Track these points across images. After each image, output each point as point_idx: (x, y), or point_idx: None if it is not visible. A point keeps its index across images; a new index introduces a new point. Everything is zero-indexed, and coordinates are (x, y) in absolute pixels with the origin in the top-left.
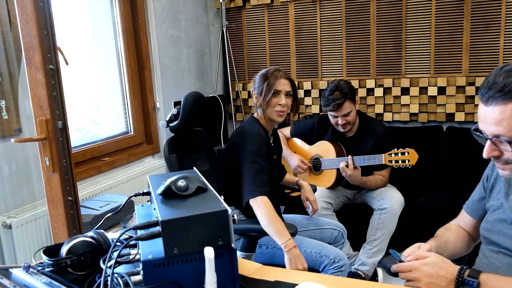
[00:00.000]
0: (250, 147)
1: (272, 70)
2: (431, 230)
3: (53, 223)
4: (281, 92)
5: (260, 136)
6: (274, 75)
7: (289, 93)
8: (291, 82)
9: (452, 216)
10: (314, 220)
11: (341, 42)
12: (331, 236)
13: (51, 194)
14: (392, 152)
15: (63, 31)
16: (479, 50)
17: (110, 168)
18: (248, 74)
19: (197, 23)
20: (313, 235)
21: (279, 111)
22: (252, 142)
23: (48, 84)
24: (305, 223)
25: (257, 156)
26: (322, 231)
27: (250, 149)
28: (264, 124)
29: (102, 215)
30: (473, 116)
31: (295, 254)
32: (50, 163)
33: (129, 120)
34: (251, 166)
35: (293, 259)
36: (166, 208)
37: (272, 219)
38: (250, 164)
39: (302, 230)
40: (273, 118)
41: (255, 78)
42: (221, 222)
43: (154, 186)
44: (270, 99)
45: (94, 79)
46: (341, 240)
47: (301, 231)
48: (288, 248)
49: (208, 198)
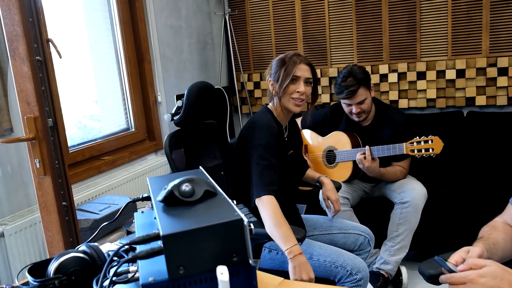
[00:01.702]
0: (258, 141)
1: (291, 54)
2: (458, 223)
3: (46, 231)
4: (300, 78)
5: (270, 129)
6: (293, 60)
7: (308, 81)
8: (312, 68)
9: (480, 208)
10: (338, 223)
11: (351, 26)
12: (355, 242)
13: (43, 199)
14: (414, 141)
15: (55, 21)
16: (500, 28)
17: (110, 167)
18: (253, 64)
19: (198, 11)
20: (336, 239)
21: (296, 99)
22: (260, 136)
23: (36, 78)
24: (326, 226)
25: (265, 150)
26: (346, 236)
27: (258, 143)
28: (278, 115)
29: (102, 219)
30: (495, 100)
31: (301, 262)
32: (41, 165)
33: (129, 116)
34: (258, 162)
35: (297, 268)
36: (168, 219)
37: (278, 221)
38: (257, 159)
39: (323, 234)
40: (289, 107)
41: (272, 64)
42: (236, 234)
43: (154, 190)
44: (287, 86)
45: (90, 73)
46: (367, 247)
47: (322, 235)
48: (293, 255)
49: (218, 204)
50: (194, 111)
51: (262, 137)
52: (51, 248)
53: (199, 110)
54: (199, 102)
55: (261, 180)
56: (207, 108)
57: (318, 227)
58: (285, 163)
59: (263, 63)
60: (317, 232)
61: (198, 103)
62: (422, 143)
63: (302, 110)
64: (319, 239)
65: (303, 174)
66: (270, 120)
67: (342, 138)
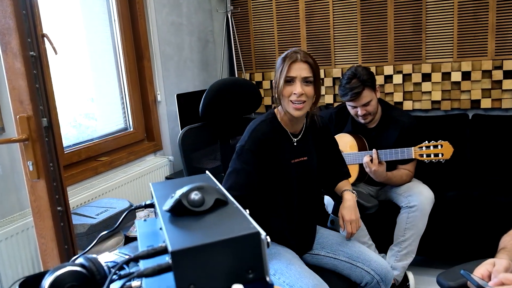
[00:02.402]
0: (239, 143)
1: (290, 52)
2: (465, 228)
3: (40, 238)
4: (295, 78)
5: (253, 133)
6: (289, 56)
7: (308, 80)
8: (311, 65)
9: (489, 212)
10: (349, 248)
11: (355, 26)
12: (361, 279)
13: (37, 204)
14: (423, 145)
15: (51, 16)
16: (506, 30)
17: (108, 168)
18: (255, 64)
19: (199, 8)
20: (340, 268)
21: (295, 102)
22: (242, 138)
23: (29, 74)
24: (336, 248)
25: (238, 154)
26: (353, 268)
27: (238, 144)
28: (282, 119)
29: (99, 224)
30: (500, 103)
31: None
32: (34, 168)
33: (127, 115)
34: (230, 164)
35: None
36: (177, 231)
37: None
38: (232, 161)
39: (329, 257)
40: (289, 111)
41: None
42: (252, 249)
43: (159, 197)
44: (283, 88)
45: (88, 71)
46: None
47: (328, 257)
48: None
49: (230, 214)
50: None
51: (242, 140)
52: (45, 256)
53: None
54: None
55: (223, 183)
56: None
57: (326, 247)
58: (283, 170)
59: (265, 63)
60: (323, 253)
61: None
62: (432, 148)
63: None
64: (323, 261)
65: (334, 184)
66: (261, 124)
67: (348, 140)
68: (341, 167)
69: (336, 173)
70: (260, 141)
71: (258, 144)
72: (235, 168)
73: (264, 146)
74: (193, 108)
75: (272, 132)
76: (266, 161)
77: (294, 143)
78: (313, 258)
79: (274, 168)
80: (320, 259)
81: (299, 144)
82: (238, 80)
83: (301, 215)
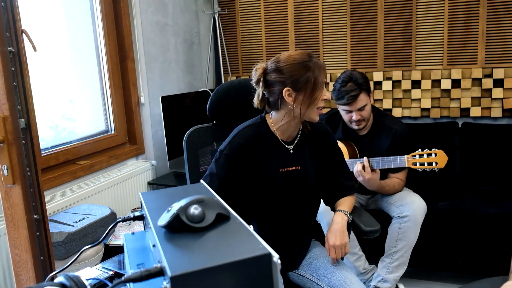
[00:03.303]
0: (219, 148)
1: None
2: (457, 239)
3: (13, 249)
4: (323, 84)
5: (235, 138)
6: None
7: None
8: None
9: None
10: (334, 278)
11: (345, 31)
12: None
13: (11, 211)
14: (416, 153)
15: (31, 11)
16: (496, 39)
17: (87, 173)
18: (242, 67)
19: (185, 9)
20: None
21: (319, 108)
22: (225, 142)
23: (7, 72)
24: (320, 274)
25: (215, 159)
26: None
27: (218, 149)
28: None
29: (78, 232)
30: (490, 111)
31: None
32: (10, 173)
33: (109, 117)
34: (209, 167)
35: None
36: (175, 252)
37: None
38: (209, 166)
39: (311, 280)
40: (312, 117)
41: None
42: (262, 274)
43: (150, 209)
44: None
45: (68, 69)
46: None
47: (310, 281)
48: None
49: (234, 231)
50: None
51: (223, 144)
52: (18, 268)
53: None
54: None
55: None
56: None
57: (312, 269)
58: (269, 180)
59: (252, 66)
60: (307, 275)
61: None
62: (425, 156)
63: None
64: (306, 284)
65: (334, 199)
66: (247, 129)
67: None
68: (344, 180)
69: (337, 187)
70: (241, 147)
71: (238, 150)
72: (210, 173)
73: (245, 153)
74: (178, 111)
75: (258, 138)
76: (247, 168)
77: (290, 151)
78: (298, 278)
79: (258, 176)
80: (304, 281)
81: (295, 151)
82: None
83: (290, 228)
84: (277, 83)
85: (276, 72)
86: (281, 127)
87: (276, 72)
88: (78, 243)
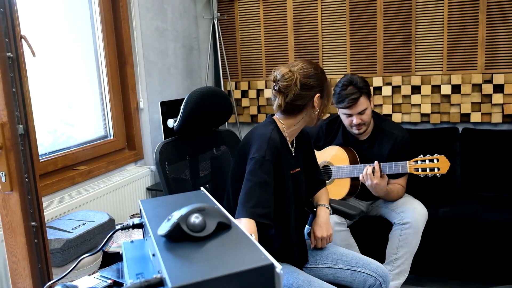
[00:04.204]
0: (254, 154)
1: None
2: (459, 246)
3: (11, 256)
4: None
5: (270, 142)
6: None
7: None
8: None
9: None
10: (347, 256)
11: (344, 37)
12: (364, 283)
13: (9, 219)
14: (418, 159)
15: (30, 17)
16: (496, 44)
17: (86, 178)
18: (241, 72)
19: (184, 14)
20: (341, 276)
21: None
22: (257, 148)
23: (5, 77)
24: (333, 258)
25: (259, 165)
26: (354, 274)
27: (253, 156)
28: (288, 128)
29: (76, 239)
30: (490, 117)
31: None
32: (7, 179)
33: (108, 122)
34: (249, 178)
35: None
36: (176, 262)
37: None
38: (248, 175)
39: (327, 267)
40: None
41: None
42: (266, 284)
43: (150, 217)
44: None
45: (67, 75)
46: None
47: (327, 268)
48: None
49: (236, 241)
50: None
51: (259, 150)
52: (15, 276)
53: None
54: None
55: (247, 199)
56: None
57: (322, 258)
58: (285, 183)
59: (251, 71)
60: (320, 264)
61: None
62: (427, 162)
63: None
64: (322, 272)
65: (313, 194)
66: (272, 133)
67: (339, 153)
68: (318, 174)
69: (314, 181)
70: (277, 151)
71: (276, 154)
72: (259, 182)
73: (279, 156)
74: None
75: (280, 142)
76: (277, 172)
77: (293, 153)
78: (311, 271)
79: (279, 179)
80: (318, 271)
81: (295, 154)
82: (213, 90)
83: (297, 227)
84: (312, 88)
85: (312, 78)
86: (292, 131)
87: (312, 78)
88: (76, 250)
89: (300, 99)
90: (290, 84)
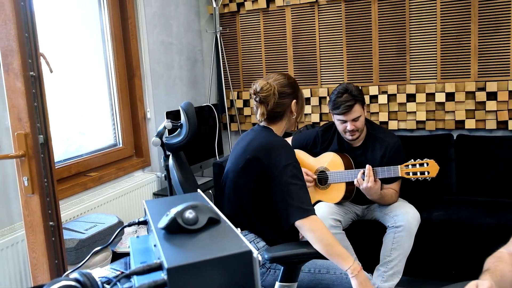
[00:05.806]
0: (287, 161)
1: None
2: (452, 249)
3: (31, 252)
4: None
5: (292, 149)
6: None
7: None
8: None
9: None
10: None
11: (341, 47)
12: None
13: (30, 219)
14: (409, 163)
15: (46, 35)
16: (488, 53)
17: (97, 184)
18: (243, 82)
19: (189, 28)
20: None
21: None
22: (287, 156)
23: (29, 94)
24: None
25: (297, 170)
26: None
27: (287, 163)
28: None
29: (88, 239)
30: (484, 123)
31: (364, 278)
32: (29, 183)
33: (117, 131)
34: (293, 182)
35: (363, 284)
36: (172, 249)
37: (333, 240)
38: (292, 179)
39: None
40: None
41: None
42: (245, 267)
43: (152, 214)
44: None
45: (79, 87)
46: None
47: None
48: (357, 271)
49: (223, 233)
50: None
51: (290, 157)
52: (35, 271)
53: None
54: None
55: (302, 200)
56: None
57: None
58: None
59: (252, 81)
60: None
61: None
62: (418, 166)
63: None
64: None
65: None
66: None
67: (334, 159)
68: None
69: None
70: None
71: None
72: (303, 184)
73: None
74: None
75: None
76: None
77: None
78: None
79: None
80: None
81: None
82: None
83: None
84: (288, 95)
85: (287, 87)
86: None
87: (287, 87)
88: (89, 249)
89: (279, 107)
90: (269, 94)
